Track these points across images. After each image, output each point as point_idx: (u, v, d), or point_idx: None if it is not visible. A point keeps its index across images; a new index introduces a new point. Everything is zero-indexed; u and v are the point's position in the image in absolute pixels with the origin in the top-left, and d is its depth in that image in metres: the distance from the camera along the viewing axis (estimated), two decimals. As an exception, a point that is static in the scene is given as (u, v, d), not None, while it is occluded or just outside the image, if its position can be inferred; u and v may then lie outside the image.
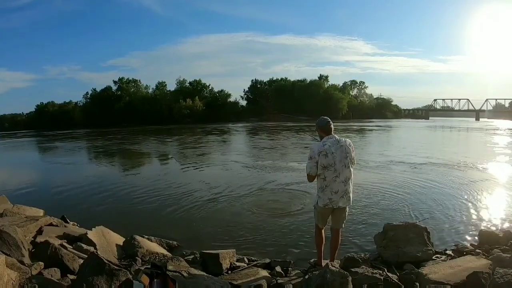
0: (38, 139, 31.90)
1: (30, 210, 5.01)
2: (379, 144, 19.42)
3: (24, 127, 63.68)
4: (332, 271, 2.69)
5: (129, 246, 3.91)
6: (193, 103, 64.42)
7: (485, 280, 2.56)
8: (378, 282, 2.81)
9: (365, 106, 76.05)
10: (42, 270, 2.79)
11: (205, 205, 6.43)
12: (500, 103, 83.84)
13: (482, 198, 6.61)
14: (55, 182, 9.26)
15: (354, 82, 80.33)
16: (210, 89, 72.69)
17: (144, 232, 4.52)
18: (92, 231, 4.05)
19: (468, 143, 20.81)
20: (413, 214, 5.56)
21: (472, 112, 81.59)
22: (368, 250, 4.10)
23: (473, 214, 5.55)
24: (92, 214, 6.10)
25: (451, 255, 3.82)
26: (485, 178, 8.54)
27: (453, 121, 65.83)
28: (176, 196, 7.21)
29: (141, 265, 3.42)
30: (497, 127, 37.41)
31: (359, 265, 3.19)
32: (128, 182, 9.24)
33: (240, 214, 5.81)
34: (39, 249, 3.21)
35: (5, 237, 2.91)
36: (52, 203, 6.84)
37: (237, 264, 3.65)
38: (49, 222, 4.38)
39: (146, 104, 64.54)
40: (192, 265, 3.36)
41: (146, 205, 6.62)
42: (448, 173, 9.16)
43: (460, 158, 11.77)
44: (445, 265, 3.16)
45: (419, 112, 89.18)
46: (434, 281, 2.76)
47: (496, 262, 3.01)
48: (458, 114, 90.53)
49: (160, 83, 72.67)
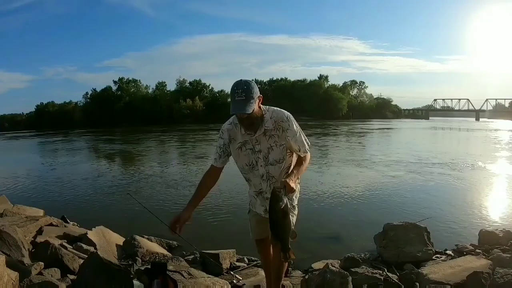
0: (38, 139, 31.89)
1: (30, 210, 5.00)
2: (379, 144, 19.41)
3: (24, 127, 63.61)
4: (332, 271, 2.69)
5: (129, 246, 3.91)
6: (193, 103, 64.41)
7: (485, 280, 2.56)
8: (378, 282, 2.81)
9: (365, 106, 76.05)
10: (42, 270, 2.79)
11: (205, 205, 6.42)
12: (500, 103, 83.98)
13: (482, 198, 6.61)
14: (55, 182, 9.26)
15: (354, 82, 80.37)
16: (210, 89, 72.67)
17: (144, 232, 4.52)
18: (92, 231, 4.05)
19: (468, 144, 20.80)
20: (413, 214, 5.56)
21: (472, 112, 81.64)
22: (368, 250, 4.09)
23: (473, 214, 5.56)
24: (92, 214, 6.10)
25: (451, 255, 3.82)
26: (485, 178, 8.54)
27: (453, 121, 65.81)
28: (176, 196, 7.21)
29: (141, 265, 3.42)
30: (498, 127, 37.38)
31: (359, 265, 3.19)
32: (128, 182, 9.25)
33: (240, 214, 5.80)
34: (39, 249, 3.20)
35: (5, 237, 2.90)
36: (52, 203, 6.84)
37: (237, 264, 3.65)
38: (49, 222, 4.38)
39: (146, 104, 64.53)
40: (192, 265, 3.36)
41: (146, 205, 6.61)
42: (448, 173, 9.16)
43: (460, 158, 11.77)
44: (445, 265, 3.15)
45: (419, 112, 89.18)
46: (434, 281, 2.75)
47: (496, 262, 3.01)
48: (458, 114, 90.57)
49: (160, 83, 72.72)
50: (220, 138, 2.06)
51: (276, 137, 1.91)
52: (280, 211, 1.70)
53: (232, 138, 2.01)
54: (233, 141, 2.01)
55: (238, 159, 2.03)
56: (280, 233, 1.76)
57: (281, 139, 1.91)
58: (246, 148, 1.97)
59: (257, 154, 1.95)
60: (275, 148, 1.93)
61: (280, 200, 1.69)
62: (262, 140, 1.92)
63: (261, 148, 1.94)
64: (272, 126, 1.90)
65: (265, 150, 1.94)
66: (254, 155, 1.96)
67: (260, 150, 1.94)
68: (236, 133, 1.99)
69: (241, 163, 2.02)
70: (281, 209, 1.70)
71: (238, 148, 1.99)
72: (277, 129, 1.90)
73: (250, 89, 1.78)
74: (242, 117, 1.84)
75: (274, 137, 1.91)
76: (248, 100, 1.76)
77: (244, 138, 1.96)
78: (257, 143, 1.93)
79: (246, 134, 1.94)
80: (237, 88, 1.78)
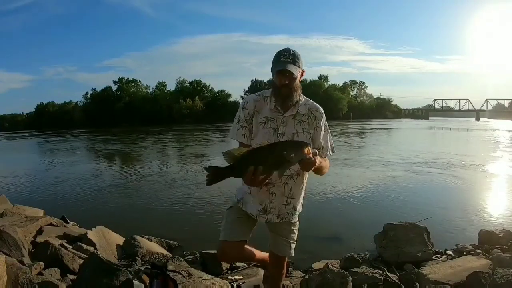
0: (38, 139, 31.88)
1: (30, 210, 5.00)
2: (379, 144, 19.41)
3: (24, 127, 63.57)
4: (332, 271, 2.69)
5: (129, 246, 3.91)
6: (193, 103, 64.41)
7: (485, 280, 2.56)
8: (378, 282, 2.81)
9: (365, 106, 76.08)
10: (42, 270, 2.79)
11: (205, 205, 6.43)
12: (500, 103, 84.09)
13: (482, 198, 6.61)
14: (55, 182, 9.25)
15: (354, 82, 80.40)
16: (210, 89, 72.65)
17: (144, 232, 4.52)
18: (92, 231, 4.05)
19: (468, 144, 20.80)
20: (413, 214, 5.55)
21: (472, 112, 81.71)
22: (368, 250, 4.09)
23: (473, 214, 5.55)
24: (92, 214, 6.10)
25: (451, 255, 3.82)
26: (485, 178, 8.54)
27: (453, 121, 65.83)
28: (177, 196, 7.21)
29: (141, 265, 3.42)
30: (498, 127, 37.38)
31: (359, 265, 3.19)
32: (129, 182, 9.24)
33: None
34: (39, 249, 3.20)
35: (5, 237, 2.91)
36: (52, 203, 6.83)
37: (237, 264, 3.65)
38: (49, 222, 4.38)
39: (146, 104, 64.53)
40: (192, 265, 3.36)
41: (146, 205, 6.62)
42: (448, 173, 9.15)
43: (460, 159, 11.76)
44: (445, 265, 3.15)
45: (419, 112, 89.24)
46: (434, 281, 2.75)
47: (496, 262, 3.01)
48: (458, 114, 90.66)
49: (160, 83, 72.72)
50: (243, 109, 1.80)
51: (305, 124, 1.76)
52: (286, 157, 1.45)
53: (257, 111, 1.78)
54: (257, 114, 1.77)
55: (255, 135, 1.77)
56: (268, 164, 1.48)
57: (311, 127, 1.77)
58: (269, 126, 1.74)
59: (278, 137, 1.73)
60: (302, 134, 1.75)
61: (298, 151, 1.46)
62: (289, 123, 1.75)
63: (286, 131, 1.74)
64: (305, 112, 1.77)
65: (289, 135, 1.74)
66: (275, 137, 1.73)
67: (283, 133, 1.74)
68: (263, 106, 1.78)
69: (257, 140, 1.74)
70: (289, 157, 1.46)
71: (261, 123, 1.76)
72: (310, 116, 1.78)
73: (298, 56, 1.69)
74: (283, 82, 1.67)
75: (303, 123, 1.76)
76: (295, 64, 1.65)
77: (272, 114, 1.75)
78: (283, 124, 1.74)
79: (275, 110, 1.75)
80: (284, 51, 1.68)
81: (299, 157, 1.47)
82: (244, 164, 1.47)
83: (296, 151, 1.46)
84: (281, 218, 1.86)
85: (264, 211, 1.84)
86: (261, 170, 1.46)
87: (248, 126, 1.78)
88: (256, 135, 1.77)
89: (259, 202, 1.83)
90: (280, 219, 1.86)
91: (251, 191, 1.83)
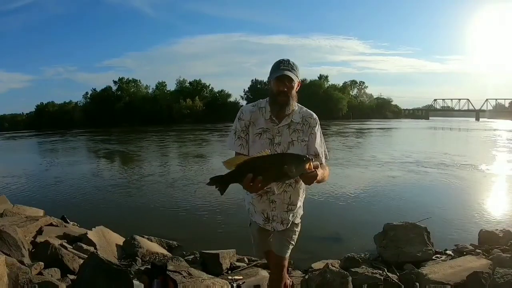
0: (38, 139, 31.87)
1: (30, 210, 5.00)
2: (379, 144, 19.41)
3: (24, 127, 63.57)
4: (332, 271, 2.69)
5: (129, 246, 3.91)
6: (193, 103, 64.40)
7: (485, 280, 2.57)
8: (378, 282, 2.81)
9: (365, 106, 76.01)
10: (42, 270, 2.79)
11: (205, 205, 6.43)
12: (500, 103, 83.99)
13: (482, 198, 6.61)
14: (55, 182, 9.26)
15: (354, 82, 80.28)
16: (210, 89, 72.63)
17: (144, 232, 4.52)
18: (92, 231, 4.06)
19: (468, 144, 20.80)
20: (413, 214, 5.55)
21: (472, 112, 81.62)
22: (368, 250, 4.10)
23: (473, 214, 5.56)
24: (92, 214, 6.10)
25: (451, 255, 3.82)
26: (485, 178, 8.54)
27: (453, 121, 65.84)
28: (177, 196, 7.21)
29: (141, 265, 3.42)
30: (497, 127, 37.38)
31: (359, 265, 3.19)
32: (129, 182, 9.24)
33: (240, 214, 5.80)
34: (39, 249, 3.21)
35: (5, 237, 2.91)
36: (52, 203, 6.84)
37: (237, 264, 3.65)
38: (49, 222, 4.38)
39: (146, 104, 64.51)
40: (192, 265, 3.36)
41: (146, 205, 6.62)
42: (448, 173, 9.16)
43: (460, 159, 11.77)
44: (445, 265, 3.16)
45: (419, 112, 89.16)
46: (434, 281, 2.76)
47: (496, 262, 3.01)
48: (458, 114, 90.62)
49: (160, 83, 72.62)
50: (239, 120, 1.83)
51: (300, 132, 1.80)
52: (287, 171, 1.46)
53: (252, 122, 1.81)
54: (252, 124, 1.81)
55: (252, 146, 1.80)
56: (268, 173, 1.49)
57: (305, 134, 1.81)
58: (265, 137, 1.79)
59: (275, 147, 1.77)
60: (296, 143, 1.79)
61: (300, 166, 1.47)
62: (284, 132, 1.79)
63: (282, 140, 1.78)
64: (299, 120, 1.81)
65: (285, 144, 1.78)
66: (271, 147, 1.76)
67: (279, 143, 1.78)
68: (258, 117, 1.81)
69: (254, 151, 1.75)
70: (289, 172, 1.46)
71: (257, 134, 1.80)
72: (304, 124, 1.81)
73: (296, 67, 1.74)
74: (281, 89, 1.72)
75: (298, 132, 1.80)
76: (292, 73, 1.71)
77: (267, 125, 1.79)
78: (279, 134, 1.78)
79: (270, 121, 1.79)
80: (283, 61, 1.74)
81: (300, 172, 1.49)
82: (244, 171, 1.49)
83: (297, 166, 1.48)
84: (286, 224, 1.89)
85: (268, 220, 1.88)
86: (260, 180, 1.48)
87: (245, 136, 1.82)
88: (252, 145, 1.81)
89: (261, 211, 1.88)
90: (285, 226, 1.90)
91: (253, 201, 1.89)
